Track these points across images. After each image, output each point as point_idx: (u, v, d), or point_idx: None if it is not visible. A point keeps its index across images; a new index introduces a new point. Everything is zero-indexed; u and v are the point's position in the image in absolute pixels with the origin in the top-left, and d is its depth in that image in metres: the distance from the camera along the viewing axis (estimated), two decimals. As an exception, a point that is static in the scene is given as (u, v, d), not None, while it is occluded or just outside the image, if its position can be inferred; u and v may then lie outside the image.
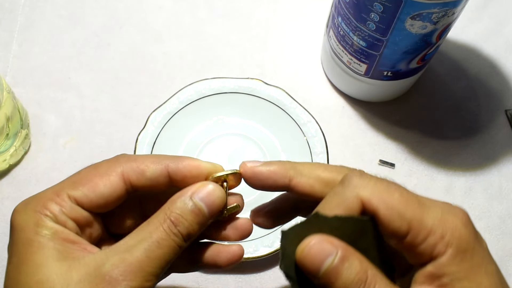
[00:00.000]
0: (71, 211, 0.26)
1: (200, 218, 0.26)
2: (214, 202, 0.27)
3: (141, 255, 0.24)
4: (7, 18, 0.53)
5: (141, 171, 0.27)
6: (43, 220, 0.25)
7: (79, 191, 0.26)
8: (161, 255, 0.25)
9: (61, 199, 0.26)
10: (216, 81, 0.48)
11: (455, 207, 0.25)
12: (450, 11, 0.37)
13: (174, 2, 0.55)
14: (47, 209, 0.26)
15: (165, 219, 0.25)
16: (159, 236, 0.25)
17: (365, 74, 0.45)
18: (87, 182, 0.26)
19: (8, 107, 0.42)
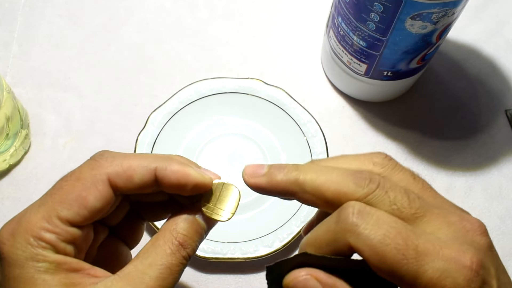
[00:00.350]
0: (68, 236, 0.24)
1: (202, 236, 0.26)
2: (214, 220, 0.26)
3: (154, 284, 0.23)
4: (7, 18, 0.53)
5: (129, 177, 0.25)
6: (41, 253, 0.23)
7: (71, 212, 0.24)
8: (173, 280, 0.24)
9: (54, 226, 0.24)
10: (216, 81, 0.48)
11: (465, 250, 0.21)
12: (450, 11, 0.37)
13: (174, 2, 0.55)
14: (43, 240, 0.23)
15: (172, 242, 0.25)
16: (169, 262, 0.24)
17: (365, 74, 0.45)
18: (75, 199, 0.24)
19: (8, 107, 0.42)
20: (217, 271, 0.43)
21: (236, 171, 0.46)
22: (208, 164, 0.46)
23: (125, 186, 0.25)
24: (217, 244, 0.42)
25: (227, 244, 0.42)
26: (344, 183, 0.23)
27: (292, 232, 0.42)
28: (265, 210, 0.44)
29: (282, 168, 0.25)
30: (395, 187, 0.23)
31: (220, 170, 0.46)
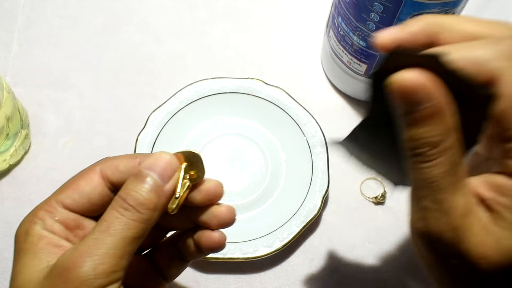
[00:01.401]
0: (58, 215, 0.27)
1: (151, 186, 0.25)
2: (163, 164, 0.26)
3: (92, 241, 0.24)
4: (7, 18, 0.53)
5: (115, 166, 0.27)
6: (31, 227, 0.26)
7: (64, 194, 0.27)
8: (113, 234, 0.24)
9: (48, 205, 0.27)
10: (216, 81, 0.48)
11: None
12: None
13: (174, 2, 0.55)
14: (36, 216, 0.27)
15: (115, 199, 0.25)
16: (105, 218, 0.25)
17: (365, 74, 0.45)
18: (70, 185, 0.28)
19: (8, 107, 0.42)
20: (217, 271, 0.43)
21: (236, 171, 0.46)
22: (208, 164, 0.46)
23: (112, 175, 0.27)
24: (217, 244, 0.42)
25: (227, 244, 0.42)
26: (491, 23, 0.22)
27: (292, 232, 0.42)
28: (265, 210, 0.44)
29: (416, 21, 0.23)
30: None
31: (220, 170, 0.46)
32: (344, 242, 0.45)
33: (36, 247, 0.26)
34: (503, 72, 0.20)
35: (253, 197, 0.45)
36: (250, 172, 0.46)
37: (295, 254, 0.44)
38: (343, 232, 0.45)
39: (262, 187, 0.45)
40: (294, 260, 0.44)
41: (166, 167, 0.26)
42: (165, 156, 0.26)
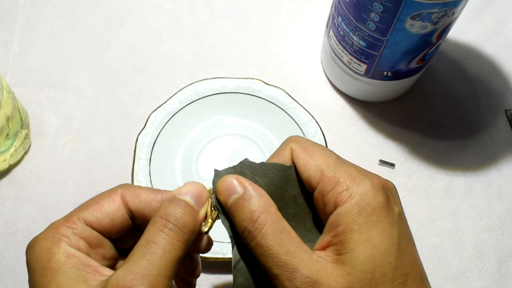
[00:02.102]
0: (82, 232, 0.27)
1: (189, 209, 0.26)
2: (199, 195, 0.27)
3: (145, 263, 0.24)
4: (7, 18, 0.53)
5: (137, 194, 0.28)
6: (55, 245, 0.26)
7: (86, 212, 0.27)
8: (163, 255, 0.25)
9: (71, 222, 0.27)
10: (216, 81, 0.48)
11: (380, 179, 0.26)
12: (450, 11, 0.37)
13: (174, 2, 0.55)
14: (59, 233, 0.26)
15: (156, 221, 0.26)
16: (152, 239, 0.25)
17: (365, 74, 0.45)
18: (92, 204, 0.28)
19: (8, 107, 0.42)
20: (217, 271, 0.43)
21: (236, 171, 0.46)
22: (208, 164, 0.46)
23: (132, 202, 0.28)
24: (217, 244, 0.42)
25: (227, 244, 0.42)
26: None
27: (292, 232, 0.42)
28: (265, 210, 0.44)
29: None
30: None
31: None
32: (344, 242, 0.45)
33: (65, 266, 0.25)
34: (296, 147, 0.28)
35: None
36: (250, 172, 0.46)
37: (295, 254, 0.44)
38: (343, 232, 0.45)
39: (262, 187, 0.45)
40: (294, 260, 0.44)
41: (199, 194, 0.27)
42: (197, 185, 0.28)
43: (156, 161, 0.45)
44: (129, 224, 0.28)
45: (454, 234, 0.45)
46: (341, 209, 0.25)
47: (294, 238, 0.25)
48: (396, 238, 0.25)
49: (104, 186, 0.45)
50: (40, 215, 0.44)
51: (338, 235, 0.24)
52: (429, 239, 0.45)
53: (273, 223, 0.25)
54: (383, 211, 0.25)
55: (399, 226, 0.25)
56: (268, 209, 0.26)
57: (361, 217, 0.24)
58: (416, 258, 0.26)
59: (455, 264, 0.44)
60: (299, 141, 0.28)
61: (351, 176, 0.25)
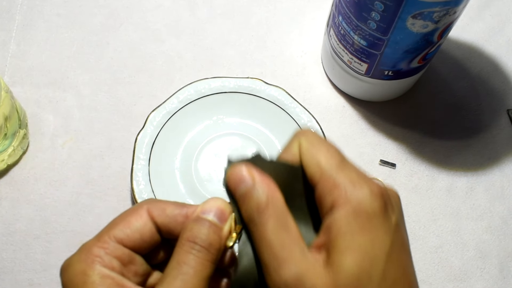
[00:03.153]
0: (114, 251, 0.27)
1: (214, 228, 0.27)
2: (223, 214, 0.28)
3: (179, 283, 0.25)
4: (5, 17, 0.53)
5: (162, 208, 0.28)
6: (89, 266, 0.26)
7: (116, 229, 0.28)
8: (206, 277, 0.26)
9: (103, 242, 0.27)
10: (216, 80, 0.47)
11: (380, 186, 0.26)
12: (452, 10, 0.37)
13: (173, 1, 0.54)
14: (92, 254, 0.26)
15: (183, 243, 0.26)
16: (198, 263, 0.26)
17: (366, 74, 0.45)
18: (120, 221, 0.28)
19: (6, 106, 0.42)
20: (217, 272, 0.43)
21: (235, 171, 0.46)
22: (207, 164, 0.46)
23: (158, 216, 0.28)
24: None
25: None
26: None
27: (292, 232, 0.42)
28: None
29: None
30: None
31: (220, 170, 0.46)
32: (345, 243, 0.44)
33: (103, 286, 0.26)
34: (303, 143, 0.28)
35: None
36: (250, 172, 0.46)
37: (295, 255, 0.44)
38: (343, 232, 0.45)
39: (262, 188, 0.45)
40: (294, 261, 0.44)
41: (222, 211, 0.28)
42: (219, 201, 0.28)
43: (155, 161, 0.44)
44: (158, 239, 0.29)
45: (455, 234, 0.45)
46: (336, 213, 0.25)
47: (294, 234, 0.25)
48: (388, 246, 0.25)
49: (103, 186, 0.46)
50: (38, 215, 0.44)
51: (330, 238, 0.25)
52: (431, 240, 0.45)
53: (276, 216, 0.25)
54: (379, 218, 0.25)
55: (393, 235, 0.25)
56: (275, 202, 0.26)
57: (355, 223, 0.24)
58: (407, 269, 0.26)
59: (456, 265, 0.44)
60: (308, 136, 0.27)
61: (351, 181, 0.25)
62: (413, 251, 0.45)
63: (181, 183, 0.45)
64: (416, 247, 0.45)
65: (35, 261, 0.42)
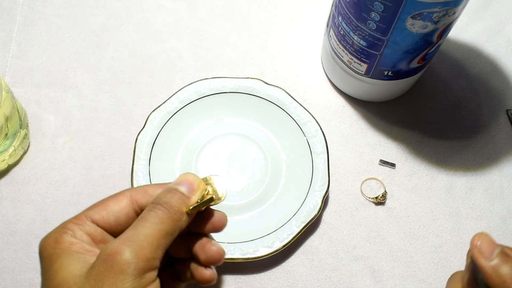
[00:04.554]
0: (87, 228, 0.30)
1: (179, 195, 0.30)
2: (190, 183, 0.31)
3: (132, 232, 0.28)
4: (6, 17, 0.53)
5: (144, 191, 0.31)
6: (61, 236, 0.29)
7: (93, 211, 0.30)
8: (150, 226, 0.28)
9: (78, 219, 0.30)
10: (216, 81, 0.47)
11: None
12: (451, 10, 0.37)
13: (173, 2, 0.55)
14: (66, 228, 0.29)
15: (148, 206, 0.29)
16: (143, 216, 0.29)
17: (365, 74, 0.45)
18: (99, 204, 0.31)
19: (7, 107, 0.42)
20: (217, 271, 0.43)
21: (236, 171, 0.46)
22: (207, 164, 0.46)
23: (142, 197, 0.31)
24: (217, 244, 0.41)
25: (227, 244, 0.42)
26: None
27: (292, 232, 0.42)
28: (265, 211, 0.44)
29: None
30: None
31: (220, 170, 0.46)
32: (344, 242, 0.45)
33: (70, 250, 0.28)
34: None
35: (253, 197, 0.45)
36: (250, 172, 0.46)
37: (295, 254, 0.44)
38: (343, 232, 0.45)
39: (262, 187, 0.45)
40: (294, 261, 0.44)
41: (190, 182, 0.31)
42: (191, 175, 0.31)
43: (156, 161, 0.45)
44: (132, 219, 0.31)
45: (455, 234, 0.45)
46: None
47: None
48: None
49: (104, 186, 0.46)
50: (39, 215, 0.44)
51: None
52: (430, 240, 0.45)
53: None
54: None
55: None
56: None
57: None
58: None
59: (456, 264, 0.44)
60: None
61: None
62: (413, 251, 0.45)
63: (181, 183, 0.45)
64: (415, 247, 0.45)
65: (36, 261, 0.43)
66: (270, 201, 0.45)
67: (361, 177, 0.47)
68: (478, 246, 0.31)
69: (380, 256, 0.44)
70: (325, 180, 0.44)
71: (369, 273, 0.44)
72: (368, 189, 0.47)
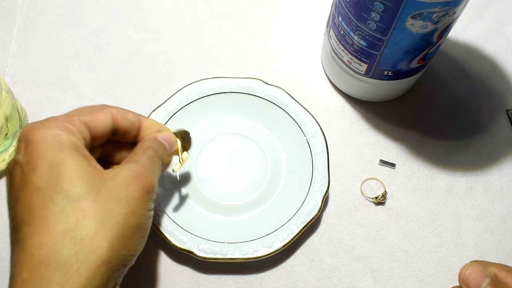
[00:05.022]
0: (82, 131, 0.32)
1: (164, 148, 0.37)
2: (171, 142, 0.38)
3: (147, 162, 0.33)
4: (6, 17, 0.53)
5: (125, 115, 0.35)
6: (65, 133, 0.30)
7: (87, 117, 0.33)
8: (157, 167, 0.34)
9: (74, 121, 0.32)
10: (216, 81, 0.47)
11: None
12: (451, 10, 0.37)
13: (173, 2, 0.55)
14: (66, 127, 0.31)
15: (147, 148, 0.35)
16: (151, 155, 0.34)
17: (365, 74, 0.45)
18: (90, 112, 0.33)
19: (7, 106, 0.42)
20: (217, 271, 0.43)
21: (236, 171, 0.46)
22: (207, 164, 0.46)
23: (122, 120, 0.35)
24: (217, 244, 0.41)
25: (227, 244, 0.42)
26: None
27: (292, 232, 0.42)
28: (265, 210, 0.44)
29: None
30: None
31: (220, 170, 0.46)
32: (344, 242, 0.45)
33: (78, 151, 0.30)
34: None
35: (253, 197, 0.45)
36: (250, 172, 0.46)
37: (295, 254, 0.44)
38: (343, 232, 0.45)
39: (262, 187, 0.45)
40: (294, 261, 0.44)
41: (173, 143, 0.38)
42: (173, 136, 0.39)
43: (156, 161, 0.45)
44: (108, 135, 0.35)
45: (455, 234, 0.45)
46: None
47: None
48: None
49: (104, 186, 0.46)
50: (39, 215, 0.44)
51: None
52: (430, 240, 0.45)
53: None
54: None
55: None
56: None
57: None
58: None
59: (456, 264, 0.44)
60: None
61: None
62: (413, 251, 0.45)
63: (181, 183, 0.45)
64: (415, 246, 0.45)
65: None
66: (270, 201, 0.45)
67: (361, 177, 0.47)
68: (465, 279, 0.30)
69: (380, 256, 0.44)
70: (325, 180, 0.44)
71: (369, 273, 0.44)
72: (368, 189, 0.47)
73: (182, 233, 0.42)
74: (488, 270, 0.29)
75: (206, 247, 0.41)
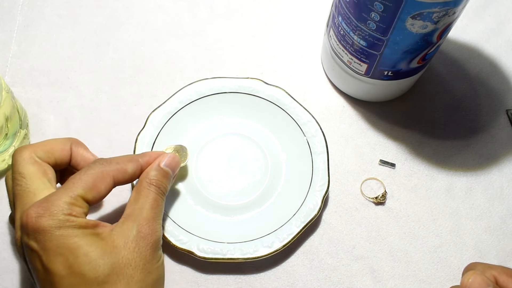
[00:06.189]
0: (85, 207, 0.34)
1: (169, 178, 0.38)
2: (174, 165, 0.39)
3: (150, 212, 0.35)
4: (6, 17, 0.53)
5: (124, 169, 0.36)
6: (72, 218, 0.32)
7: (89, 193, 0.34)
8: (160, 208, 0.36)
9: (77, 202, 0.33)
10: (216, 81, 0.47)
11: None
12: (451, 10, 0.37)
13: (173, 2, 0.55)
14: (71, 211, 0.32)
15: (150, 185, 0.36)
16: (153, 198, 0.36)
17: (365, 74, 0.45)
18: (92, 183, 0.34)
19: (7, 107, 0.42)
20: (217, 271, 0.43)
21: (236, 171, 0.46)
22: (207, 164, 0.46)
23: (123, 178, 0.36)
24: (217, 244, 0.41)
25: (227, 244, 0.42)
26: None
27: (292, 232, 0.42)
28: (265, 210, 0.44)
29: None
30: None
31: (220, 170, 0.46)
32: (344, 242, 0.45)
33: (87, 231, 0.32)
34: None
35: (253, 197, 0.45)
36: (250, 172, 0.46)
37: (295, 254, 0.44)
38: (343, 232, 0.45)
39: (262, 187, 0.45)
40: (294, 261, 0.44)
41: (176, 166, 0.39)
42: (176, 160, 0.39)
43: (156, 161, 0.45)
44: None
45: (455, 234, 0.45)
46: None
47: None
48: None
49: (104, 186, 0.46)
50: (39, 215, 0.44)
51: None
52: (430, 240, 0.45)
53: None
54: None
55: None
56: None
57: None
58: None
59: (456, 264, 0.44)
60: None
61: None
62: (413, 251, 0.45)
63: (181, 183, 0.45)
64: (415, 247, 0.45)
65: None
66: (270, 201, 0.45)
67: (361, 177, 0.47)
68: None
69: (380, 256, 0.44)
70: (325, 180, 0.44)
71: (369, 273, 0.44)
72: (368, 189, 0.47)
73: (182, 233, 0.42)
74: (489, 273, 0.30)
75: (206, 247, 0.41)
